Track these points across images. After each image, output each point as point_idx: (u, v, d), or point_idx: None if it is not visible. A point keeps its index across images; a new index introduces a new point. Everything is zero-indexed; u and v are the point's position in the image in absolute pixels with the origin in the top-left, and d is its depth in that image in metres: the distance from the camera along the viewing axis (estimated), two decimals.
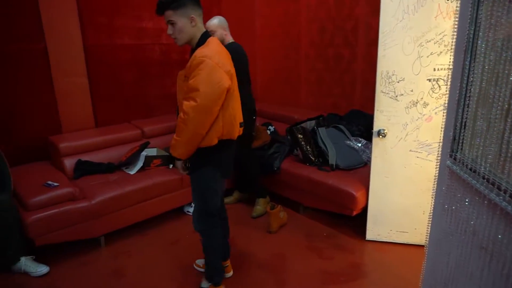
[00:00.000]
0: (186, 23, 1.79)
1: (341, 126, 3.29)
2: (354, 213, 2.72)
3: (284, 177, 3.16)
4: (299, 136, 3.09)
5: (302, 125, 3.23)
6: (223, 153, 1.95)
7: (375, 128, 2.52)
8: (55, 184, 2.53)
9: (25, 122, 2.99)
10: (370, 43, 3.41)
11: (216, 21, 2.83)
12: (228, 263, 2.36)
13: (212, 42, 1.86)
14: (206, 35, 1.88)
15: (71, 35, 3.09)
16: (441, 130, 1.41)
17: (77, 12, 3.09)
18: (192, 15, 1.80)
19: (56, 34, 3.00)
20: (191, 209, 3.18)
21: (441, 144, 1.42)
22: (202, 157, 1.91)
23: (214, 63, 1.74)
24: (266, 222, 2.91)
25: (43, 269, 2.38)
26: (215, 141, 1.85)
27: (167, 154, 3.12)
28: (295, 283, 2.32)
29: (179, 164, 1.97)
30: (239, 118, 1.98)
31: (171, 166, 3.13)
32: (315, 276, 2.37)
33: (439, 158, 1.44)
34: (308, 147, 3.10)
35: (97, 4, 3.24)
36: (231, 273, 2.36)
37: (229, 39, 2.91)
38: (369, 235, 2.73)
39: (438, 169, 1.44)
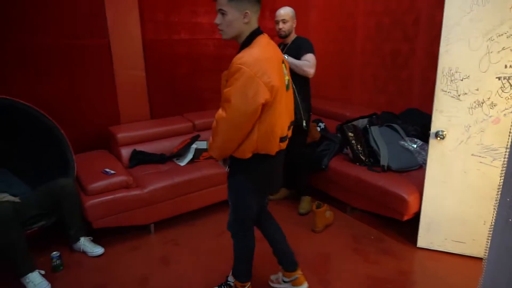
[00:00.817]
0: (238, 17, 1.63)
1: (396, 126, 3.12)
2: (405, 218, 2.58)
3: (332, 176, 3.07)
4: (350, 134, 2.99)
5: (354, 123, 3.12)
6: (260, 168, 1.79)
7: (433, 129, 2.35)
8: (112, 172, 2.70)
9: (88, 112, 3.22)
10: (432, 38, 3.18)
11: (289, 11, 2.79)
12: (295, 274, 2.13)
13: (259, 44, 1.66)
14: (254, 34, 1.68)
15: (131, 31, 3.25)
16: (510, 134, 1.27)
17: (138, 9, 3.24)
18: (247, 11, 1.62)
19: (118, 30, 3.18)
20: None
21: (508, 149, 1.28)
22: (237, 166, 1.80)
23: (252, 73, 1.55)
24: (312, 221, 2.86)
25: (99, 250, 2.56)
26: (249, 155, 1.71)
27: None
28: (339, 285, 2.25)
29: (220, 162, 1.90)
30: (281, 132, 1.73)
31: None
32: (360, 280, 2.29)
33: (505, 165, 1.30)
34: (358, 146, 2.98)
35: (156, 1, 3.37)
36: (305, 285, 2.14)
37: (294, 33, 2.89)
38: (421, 243, 2.57)
39: (503, 177, 1.30)
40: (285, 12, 2.77)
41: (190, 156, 3.12)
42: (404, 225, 2.72)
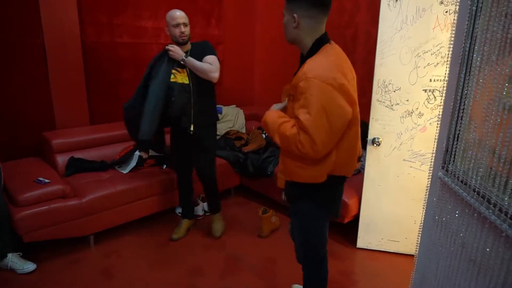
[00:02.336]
0: (288, 21, 1.49)
1: None
2: (346, 220, 2.72)
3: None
4: None
5: None
6: (332, 191, 1.65)
7: (370, 136, 2.52)
8: (46, 180, 2.51)
9: (18, 116, 2.96)
10: (369, 51, 3.43)
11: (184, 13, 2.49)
12: None
13: (327, 51, 1.48)
14: (320, 42, 1.49)
15: (69, 31, 3.07)
16: (434, 141, 1.41)
17: (76, 8, 3.07)
18: (295, 14, 1.45)
19: (54, 29, 2.98)
20: None
21: (434, 155, 1.43)
22: (305, 191, 1.60)
23: (327, 84, 1.37)
24: (258, 226, 2.90)
25: (30, 266, 2.35)
26: (323, 178, 1.53)
27: (161, 154, 3.11)
28: None
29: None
30: (359, 151, 1.62)
31: (164, 166, 3.12)
32: None
33: (431, 169, 1.44)
34: None
35: (96, 2, 3.23)
36: None
37: None
38: (360, 243, 2.73)
39: (430, 180, 1.44)
40: (183, 14, 2.44)
41: (133, 163, 3.01)
42: (345, 228, 2.87)
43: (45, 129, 3.06)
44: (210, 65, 2.44)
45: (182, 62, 2.42)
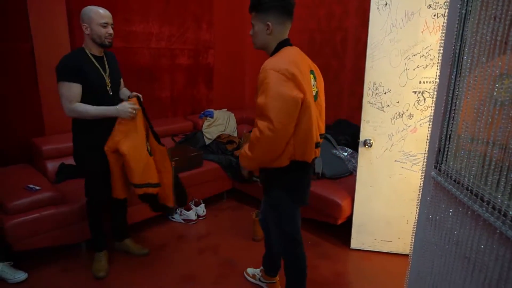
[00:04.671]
0: (262, 29, 1.68)
1: (328, 136, 3.32)
2: (339, 221, 2.74)
3: None
4: None
5: None
6: (294, 176, 1.77)
7: (362, 138, 2.55)
8: (37, 187, 2.47)
9: (8, 122, 2.91)
10: (358, 55, 3.47)
11: None
12: (274, 279, 2.27)
13: (287, 51, 1.68)
14: (281, 45, 1.70)
15: (59, 36, 3.04)
16: (426, 142, 1.44)
17: (65, 12, 3.05)
18: (269, 22, 1.65)
19: (43, 34, 2.95)
20: (175, 216, 3.15)
21: (426, 155, 1.45)
22: (274, 179, 1.78)
23: (281, 74, 1.55)
24: (252, 230, 2.90)
25: (20, 275, 2.30)
26: (286, 162, 1.68)
27: None
28: None
29: (245, 171, 1.86)
30: (316, 138, 1.71)
31: None
32: None
33: (424, 169, 1.46)
34: None
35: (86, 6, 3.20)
36: None
37: None
38: (354, 244, 2.75)
39: (423, 179, 1.47)
40: (109, 13, 2.18)
41: None
42: (338, 229, 2.89)
43: (35, 135, 3.02)
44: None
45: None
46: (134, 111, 2.18)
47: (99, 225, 2.45)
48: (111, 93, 2.27)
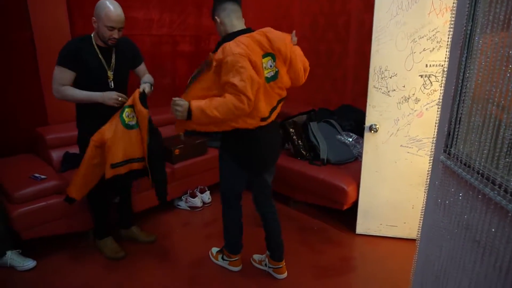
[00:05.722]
0: (217, 26, 1.94)
1: (333, 121, 3.30)
2: (345, 207, 2.75)
3: (275, 171, 3.15)
4: (291, 130, 3.09)
5: (294, 119, 3.23)
6: (241, 144, 1.97)
7: (367, 123, 2.53)
8: (42, 176, 2.48)
9: (10, 112, 2.91)
10: (362, 39, 3.42)
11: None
12: (280, 264, 2.30)
13: (236, 39, 1.81)
14: (233, 35, 1.84)
15: (59, 25, 3.00)
16: (435, 126, 1.42)
17: (65, 2, 3.00)
18: (216, 17, 1.90)
19: (43, 23, 2.91)
20: (181, 203, 3.16)
21: (434, 139, 1.44)
22: (224, 143, 2.04)
23: (237, 56, 1.71)
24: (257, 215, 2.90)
25: (29, 263, 2.33)
26: (228, 128, 1.88)
27: None
28: (287, 277, 2.32)
29: (185, 124, 1.93)
30: (263, 112, 1.87)
31: None
32: (307, 269, 2.39)
33: (432, 152, 1.45)
34: (299, 141, 3.10)
35: None
36: (285, 274, 2.31)
37: None
38: (359, 229, 2.76)
39: (431, 164, 1.45)
40: (123, 16, 2.11)
41: None
42: (344, 214, 2.90)
43: (38, 124, 3.01)
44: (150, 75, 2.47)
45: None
46: (119, 99, 2.15)
47: (101, 212, 2.48)
48: (112, 86, 2.23)
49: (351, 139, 3.16)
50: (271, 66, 1.87)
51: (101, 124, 2.18)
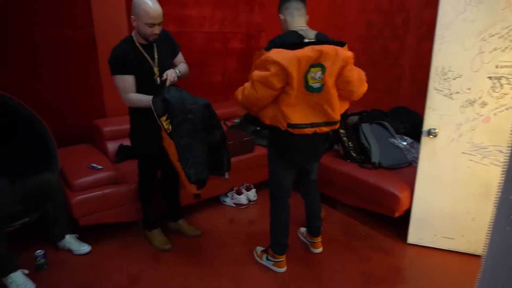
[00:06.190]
0: (282, 24, 2.08)
1: (386, 123, 3.15)
2: (396, 214, 2.61)
3: (322, 172, 3.06)
4: (341, 131, 2.99)
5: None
6: (280, 140, 2.05)
7: (425, 127, 2.37)
8: (99, 167, 2.60)
9: (72, 105, 3.09)
10: (421, 37, 3.23)
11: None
12: (316, 239, 2.51)
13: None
14: (290, 34, 1.96)
15: (118, 22, 3.13)
16: (511, 132, 1.28)
17: (124, 0, 3.13)
18: (280, 15, 2.05)
19: (104, 21, 3.06)
20: (227, 199, 3.19)
21: (510, 147, 1.30)
22: (270, 139, 2.15)
23: (268, 56, 1.81)
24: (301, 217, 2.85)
25: (85, 248, 2.47)
26: (267, 121, 2.00)
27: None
28: (333, 281, 2.25)
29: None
30: (290, 119, 1.91)
31: None
32: (353, 276, 2.30)
33: (506, 162, 1.31)
34: (350, 143, 2.99)
35: None
36: (320, 249, 2.52)
37: None
38: (411, 239, 2.61)
39: (504, 175, 1.32)
40: (160, 11, 2.09)
41: None
42: (393, 221, 2.75)
43: (96, 117, 3.18)
44: (186, 64, 2.46)
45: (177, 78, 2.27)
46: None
47: (149, 204, 2.55)
48: (158, 82, 2.25)
49: (405, 143, 3.00)
50: (319, 78, 1.87)
51: (153, 121, 2.13)
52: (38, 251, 2.27)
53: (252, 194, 3.21)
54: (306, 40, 1.91)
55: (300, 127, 1.95)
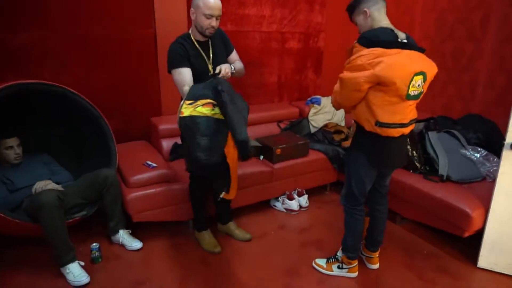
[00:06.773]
0: (362, 19, 1.89)
1: (456, 132, 2.86)
2: (466, 234, 2.34)
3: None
4: None
5: None
6: (371, 143, 1.94)
7: (509, 139, 2.10)
8: (154, 164, 2.63)
9: (131, 102, 3.17)
10: (502, 38, 2.89)
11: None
12: (373, 255, 2.35)
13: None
14: (381, 30, 1.82)
15: (178, 22, 3.16)
16: None
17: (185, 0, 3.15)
18: (365, 9, 1.85)
19: (165, 20, 3.10)
20: (277, 204, 3.09)
21: None
22: (356, 140, 2.02)
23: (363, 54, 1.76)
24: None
25: (137, 244, 2.50)
26: (364, 123, 1.89)
27: (260, 145, 3.06)
28: None
29: None
30: (384, 119, 1.83)
31: (261, 157, 3.07)
32: None
33: None
34: (414, 152, 2.76)
35: None
36: (377, 266, 2.36)
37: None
38: (482, 263, 2.33)
39: None
40: (220, 3, 2.09)
41: None
42: (461, 241, 2.49)
43: (153, 115, 3.24)
44: (241, 63, 2.39)
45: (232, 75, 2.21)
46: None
47: (200, 206, 2.51)
48: (210, 74, 2.21)
49: (478, 155, 2.70)
50: (419, 86, 1.81)
51: None
52: (94, 244, 2.34)
53: (304, 200, 3.08)
54: (401, 40, 1.81)
55: (388, 127, 1.86)
